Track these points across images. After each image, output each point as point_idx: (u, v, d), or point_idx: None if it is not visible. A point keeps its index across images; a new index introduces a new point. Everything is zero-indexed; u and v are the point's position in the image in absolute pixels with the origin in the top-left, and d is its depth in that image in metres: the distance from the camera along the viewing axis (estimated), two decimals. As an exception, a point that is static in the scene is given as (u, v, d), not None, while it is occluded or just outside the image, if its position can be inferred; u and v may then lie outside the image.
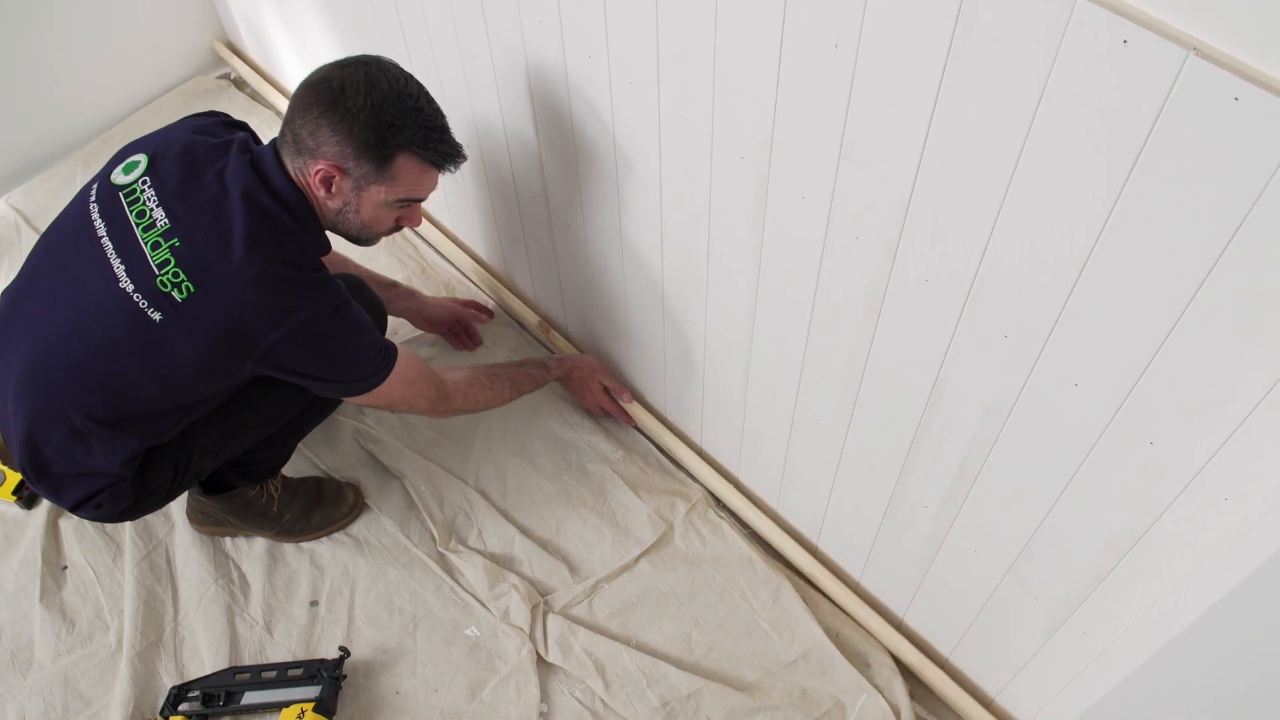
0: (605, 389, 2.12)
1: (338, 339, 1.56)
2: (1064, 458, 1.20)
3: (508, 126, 1.84)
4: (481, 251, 2.40)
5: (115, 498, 1.64)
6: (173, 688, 1.78)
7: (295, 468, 2.10)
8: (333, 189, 1.56)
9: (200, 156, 1.55)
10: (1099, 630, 1.35)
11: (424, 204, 1.90)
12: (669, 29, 1.29)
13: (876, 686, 1.78)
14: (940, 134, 1.05)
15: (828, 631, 1.84)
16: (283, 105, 2.86)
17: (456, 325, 2.32)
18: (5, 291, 1.65)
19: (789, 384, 1.59)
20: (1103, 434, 1.12)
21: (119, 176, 1.55)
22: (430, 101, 1.58)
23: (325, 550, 2.00)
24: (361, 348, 1.61)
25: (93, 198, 1.56)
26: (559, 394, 2.24)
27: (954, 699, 1.72)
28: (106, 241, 1.49)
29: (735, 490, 2.00)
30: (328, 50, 2.30)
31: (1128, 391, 1.06)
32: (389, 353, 1.66)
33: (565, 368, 2.14)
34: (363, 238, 1.69)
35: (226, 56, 2.96)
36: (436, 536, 1.99)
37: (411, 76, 1.56)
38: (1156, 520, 1.14)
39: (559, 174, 1.78)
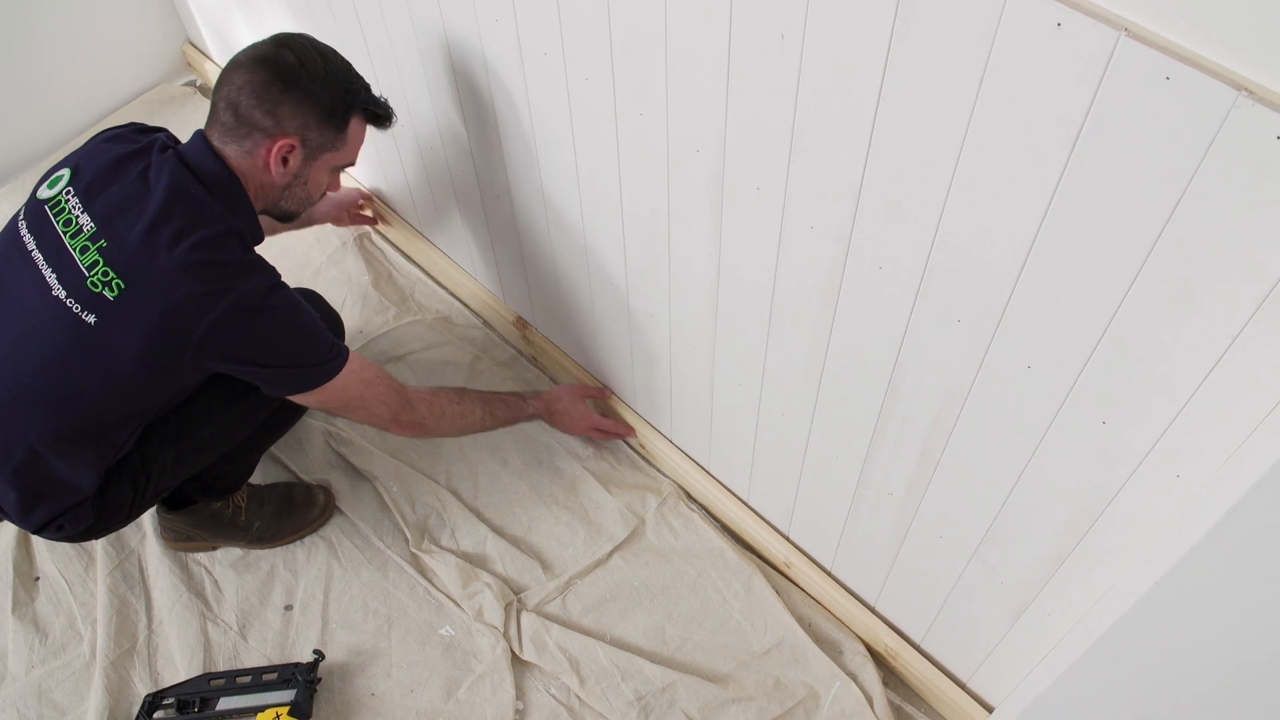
0: (594, 410, 2.11)
1: (276, 315, 1.52)
2: (1021, 440, 1.21)
3: (468, 124, 1.84)
4: (455, 255, 2.40)
5: (77, 519, 1.62)
6: (147, 696, 1.78)
7: (265, 473, 2.09)
8: (289, 164, 1.57)
9: (122, 160, 1.53)
10: (1063, 612, 1.37)
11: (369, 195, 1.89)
12: (620, 24, 1.29)
13: (850, 674, 1.79)
14: (886, 122, 1.05)
15: (800, 621, 1.85)
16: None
17: (347, 211, 2.44)
18: None
19: (753, 375, 1.60)
20: (1057, 415, 1.14)
21: (44, 191, 1.54)
22: (351, 66, 1.64)
23: (298, 554, 2.00)
24: (304, 328, 1.57)
25: (21, 216, 1.55)
26: (531, 390, 2.24)
27: (930, 679, 1.73)
28: (36, 254, 1.48)
29: (708, 478, 2.00)
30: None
31: (1079, 372, 1.07)
32: (340, 347, 1.63)
33: (544, 402, 2.09)
34: (299, 210, 1.70)
35: (196, 61, 2.95)
36: (409, 537, 1.99)
37: (327, 46, 1.61)
38: (1112, 500, 1.16)
39: (521, 171, 1.78)
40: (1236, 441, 0.98)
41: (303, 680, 1.78)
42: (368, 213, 2.53)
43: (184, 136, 1.62)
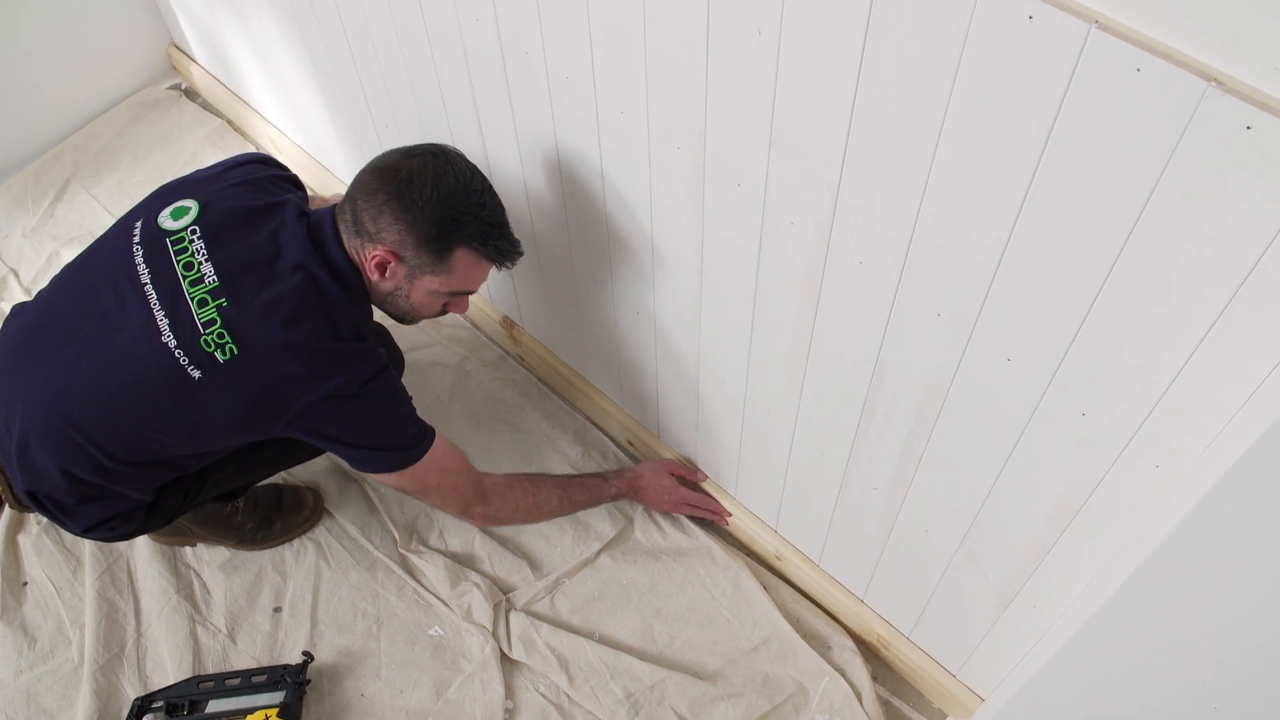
0: (681, 481, 2.00)
1: (371, 403, 1.53)
2: (1002, 433, 1.21)
3: (451, 124, 1.84)
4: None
5: (126, 521, 1.65)
6: (136, 699, 1.78)
7: (254, 475, 2.09)
8: (386, 273, 1.55)
9: (255, 214, 1.53)
10: (1048, 603, 1.38)
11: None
12: (600, 20, 1.30)
13: (838, 669, 1.80)
14: (864, 117, 1.06)
15: (788, 617, 1.85)
16: (237, 113, 2.85)
17: None
18: (27, 307, 1.63)
19: (738, 371, 1.60)
20: (1037, 407, 1.14)
21: (166, 221, 1.52)
22: (493, 196, 1.58)
23: (287, 555, 1.99)
24: (397, 415, 1.58)
25: (136, 238, 1.53)
26: (519, 391, 2.25)
27: (922, 668, 1.74)
28: (150, 290, 1.47)
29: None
30: (281, 56, 2.30)
31: (1057, 364, 1.07)
32: (426, 432, 1.63)
33: (628, 480, 1.97)
34: (407, 319, 1.69)
35: (181, 64, 2.95)
36: (397, 538, 1.99)
37: (476, 169, 1.56)
38: (1093, 491, 1.16)
39: (504, 170, 1.78)
40: (1214, 431, 0.98)
41: (292, 682, 1.78)
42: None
43: (175, 139, 1.61)
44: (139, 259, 1.50)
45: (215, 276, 1.46)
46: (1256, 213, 0.81)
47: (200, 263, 1.47)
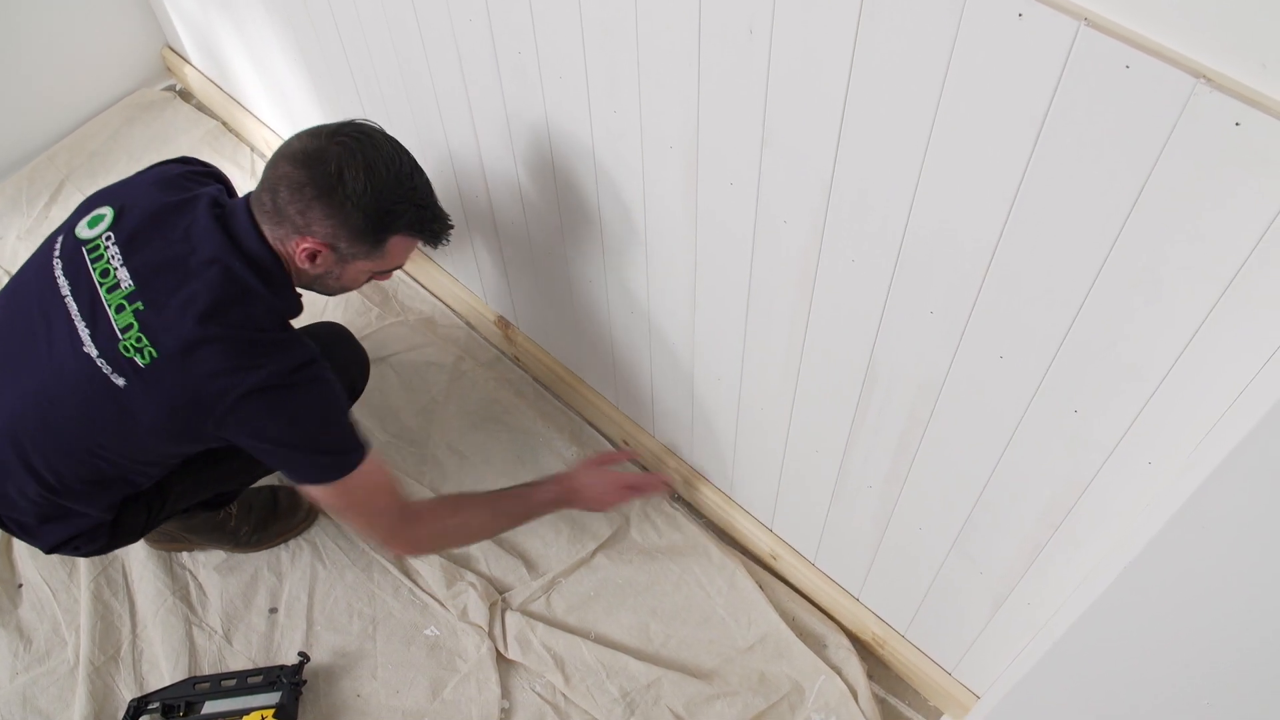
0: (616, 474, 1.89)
1: (301, 395, 1.48)
2: (995, 430, 1.22)
3: (445, 125, 1.84)
4: (436, 257, 2.40)
5: (91, 539, 1.63)
6: (132, 700, 1.78)
7: (249, 476, 2.09)
8: (317, 260, 1.50)
9: (167, 212, 1.50)
10: (1042, 601, 1.38)
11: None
12: (592, 19, 1.30)
13: (834, 667, 1.80)
14: (855, 114, 1.06)
15: (784, 616, 1.86)
16: (231, 115, 2.85)
17: None
18: None
19: (732, 369, 1.60)
20: (1030, 405, 1.14)
21: (83, 230, 1.50)
22: (420, 175, 1.55)
23: (282, 557, 1.99)
24: (329, 412, 1.52)
25: (56, 252, 1.51)
26: (514, 391, 2.25)
27: (918, 666, 1.75)
28: (70, 301, 1.46)
29: (691, 472, 2.01)
30: (275, 58, 2.30)
31: (1050, 361, 1.08)
32: (362, 443, 1.55)
33: (561, 485, 1.79)
34: (334, 294, 1.66)
35: (175, 65, 2.95)
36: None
37: (401, 149, 1.52)
38: (1086, 489, 1.16)
39: (498, 172, 1.79)
40: (1206, 427, 0.98)
41: (288, 683, 1.78)
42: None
43: (169, 141, 1.60)
44: (59, 272, 1.49)
45: (130, 280, 1.44)
46: (1245, 209, 0.81)
47: (116, 268, 1.45)
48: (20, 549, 2.00)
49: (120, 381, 1.42)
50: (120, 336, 1.42)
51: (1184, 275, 0.89)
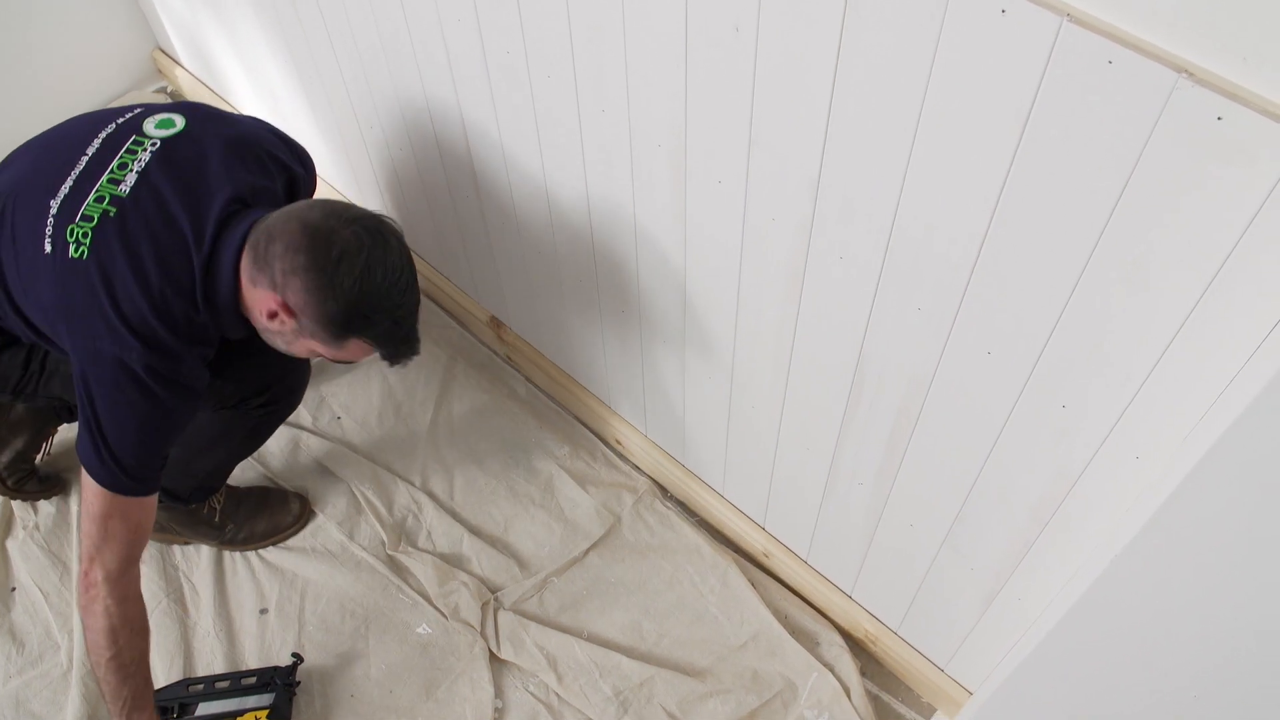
0: None
1: (134, 396, 1.42)
2: (984, 426, 1.22)
3: (435, 122, 1.84)
4: (429, 256, 2.40)
5: None
6: None
7: (241, 476, 2.09)
8: (274, 320, 1.46)
9: (209, 173, 1.48)
10: (1032, 596, 1.38)
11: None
12: (580, 19, 1.30)
13: (826, 665, 1.80)
14: (841, 112, 1.06)
15: (776, 614, 1.86)
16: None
17: None
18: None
19: (723, 366, 1.61)
20: (1018, 400, 1.15)
21: (149, 124, 1.50)
22: (413, 293, 1.50)
23: (274, 558, 1.99)
24: (147, 430, 1.45)
25: (119, 120, 1.51)
26: (507, 391, 2.25)
27: (911, 663, 1.75)
28: (83, 160, 1.46)
29: (684, 471, 2.01)
30: (264, 59, 2.30)
31: (1037, 356, 1.08)
32: (152, 480, 1.49)
33: None
34: (274, 348, 1.58)
35: (166, 68, 2.94)
36: (386, 540, 1.99)
37: (408, 263, 1.48)
38: (1075, 483, 1.17)
39: (488, 172, 1.79)
40: (1193, 421, 0.99)
41: (281, 684, 1.78)
42: None
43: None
44: (103, 134, 1.49)
45: (129, 191, 1.43)
46: (1229, 203, 0.81)
47: (131, 171, 1.44)
48: (14, 552, 2.00)
49: (48, 248, 1.42)
50: (77, 219, 1.42)
51: (1169, 270, 0.90)
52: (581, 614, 1.90)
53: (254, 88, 2.51)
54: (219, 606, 1.93)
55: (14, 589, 1.97)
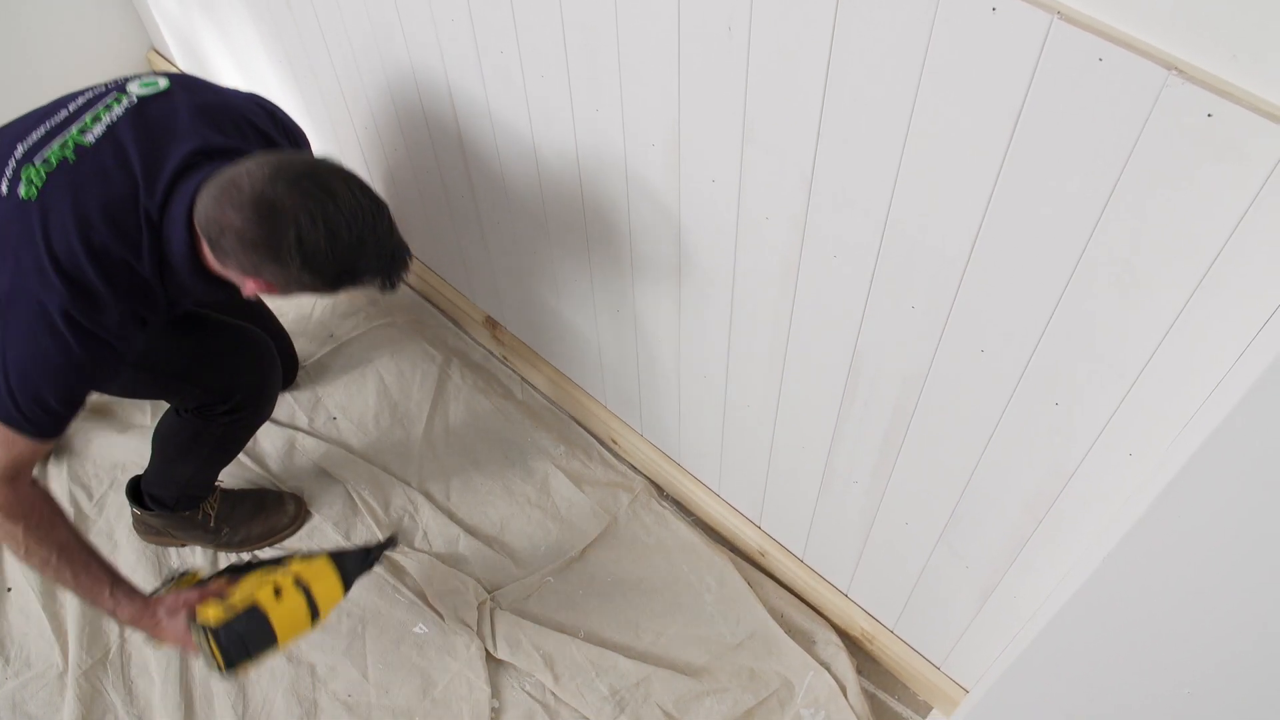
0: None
1: (18, 327, 1.37)
2: (977, 424, 1.22)
3: (430, 124, 1.84)
4: (424, 256, 2.40)
5: None
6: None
7: (237, 478, 2.09)
8: (264, 293, 1.43)
9: (175, 135, 1.44)
10: (1027, 594, 1.38)
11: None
12: (573, 18, 1.30)
13: (823, 663, 1.80)
14: (833, 110, 1.06)
15: (772, 612, 1.86)
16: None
17: None
18: None
19: (718, 366, 1.61)
20: (1011, 398, 1.15)
21: (134, 83, 1.49)
22: (381, 214, 1.39)
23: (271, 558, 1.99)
24: (23, 357, 1.38)
25: (108, 84, 1.50)
26: (503, 391, 2.25)
27: (907, 661, 1.75)
28: (63, 113, 1.45)
29: (680, 470, 2.01)
30: (259, 59, 2.30)
31: (1030, 354, 1.08)
32: (31, 416, 1.40)
33: (140, 610, 1.53)
34: None
35: (161, 68, 2.94)
36: (382, 540, 1.98)
37: (362, 190, 1.37)
38: (1068, 481, 1.17)
39: (483, 171, 1.79)
40: (1185, 418, 0.99)
41: (360, 547, 1.65)
42: None
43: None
44: (90, 93, 1.49)
45: (95, 141, 1.41)
46: (1219, 200, 0.82)
47: (101, 123, 1.43)
48: (8, 553, 2.00)
49: (4, 189, 1.39)
50: (36, 159, 1.40)
51: (1160, 267, 0.90)
52: (578, 613, 1.90)
53: (248, 88, 2.50)
54: (215, 607, 1.93)
55: (10, 590, 1.97)
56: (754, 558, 1.97)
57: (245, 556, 1.96)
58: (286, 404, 2.23)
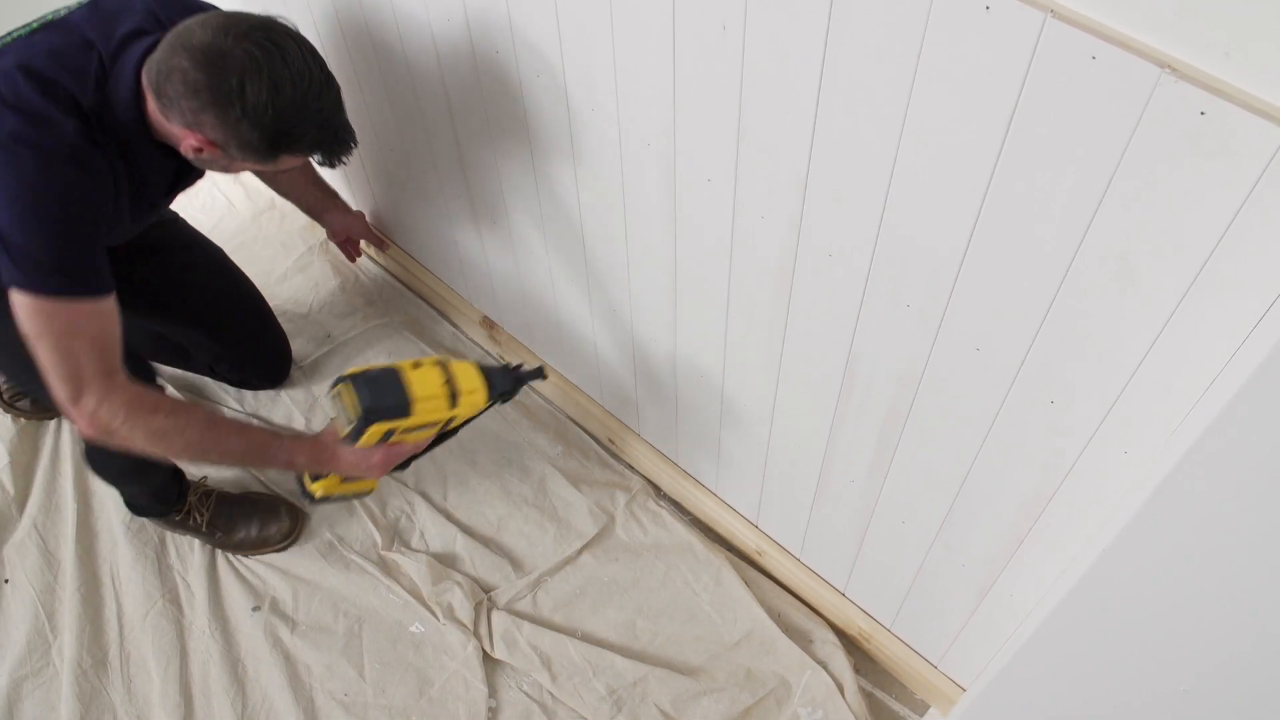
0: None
1: (35, 168, 1.31)
2: (974, 422, 1.22)
3: (428, 124, 1.84)
4: (420, 256, 2.40)
5: None
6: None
7: (236, 480, 2.09)
8: (202, 154, 1.40)
9: (126, 13, 1.42)
10: (1024, 592, 1.38)
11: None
12: (568, 16, 1.30)
13: (820, 662, 1.80)
14: (828, 109, 1.06)
15: (770, 612, 1.86)
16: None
17: (350, 240, 2.33)
18: None
19: (714, 365, 1.61)
20: (1006, 396, 1.15)
21: None
22: (329, 88, 1.40)
23: (269, 557, 1.99)
24: (30, 200, 1.31)
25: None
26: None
27: (904, 660, 1.76)
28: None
29: (677, 470, 2.02)
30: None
31: (1025, 352, 1.08)
32: (89, 278, 1.35)
33: (311, 446, 1.59)
34: (218, 172, 1.56)
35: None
36: (379, 540, 1.99)
37: (314, 58, 1.38)
38: (1064, 479, 1.17)
39: (480, 172, 1.79)
40: (1180, 415, 0.99)
41: (511, 369, 1.62)
42: (363, 250, 2.46)
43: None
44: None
45: (49, 23, 1.41)
46: (1212, 198, 0.82)
47: (62, 14, 1.43)
48: (9, 551, 2.00)
49: None
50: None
51: (1154, 264, 0.90)
52: (575, 613, 1.90)
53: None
54: (214, 607, 1.93)
55: (6, 580, 1.96)
56: (751, 557, 1.97)
57: None
58: (283, 404, 2.23)
